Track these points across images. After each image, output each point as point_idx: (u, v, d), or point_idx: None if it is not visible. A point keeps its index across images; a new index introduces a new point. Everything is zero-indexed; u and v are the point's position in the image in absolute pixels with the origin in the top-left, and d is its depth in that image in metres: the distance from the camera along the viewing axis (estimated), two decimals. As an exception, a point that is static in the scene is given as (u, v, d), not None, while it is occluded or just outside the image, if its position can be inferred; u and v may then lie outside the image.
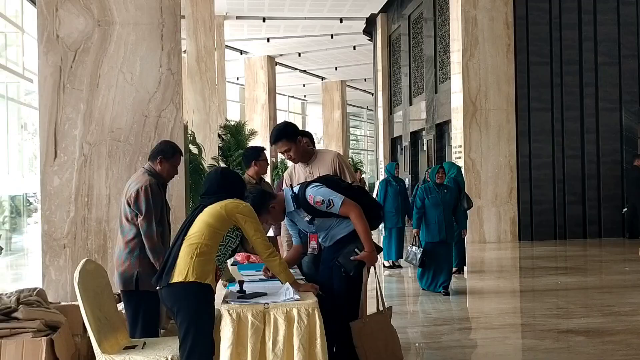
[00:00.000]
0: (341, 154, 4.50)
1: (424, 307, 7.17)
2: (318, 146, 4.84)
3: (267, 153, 5.97)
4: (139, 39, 5.59)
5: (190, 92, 14.73)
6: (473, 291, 7.85)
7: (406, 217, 9.45)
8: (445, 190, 7.49)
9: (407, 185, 14.99)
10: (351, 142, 37.13)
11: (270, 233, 5.43)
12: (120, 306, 4.49)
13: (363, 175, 15.28)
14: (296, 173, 4.33)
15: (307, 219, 3.89)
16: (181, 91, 5.69)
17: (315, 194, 3.79)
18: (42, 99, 5.52)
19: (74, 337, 4.58)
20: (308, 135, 5.02)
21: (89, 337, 3.54)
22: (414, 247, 7.51)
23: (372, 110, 28.67)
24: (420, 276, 7.58)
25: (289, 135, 4.21)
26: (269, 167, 6.65)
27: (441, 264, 7.36)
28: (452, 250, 7.72)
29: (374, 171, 22.12)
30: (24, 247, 13.99)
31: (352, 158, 30.09)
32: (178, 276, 3.29)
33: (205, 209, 3.44)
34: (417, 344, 5.57)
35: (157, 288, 3.42)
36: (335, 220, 3.88)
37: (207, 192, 3.58)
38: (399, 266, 9.42)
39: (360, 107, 38.55)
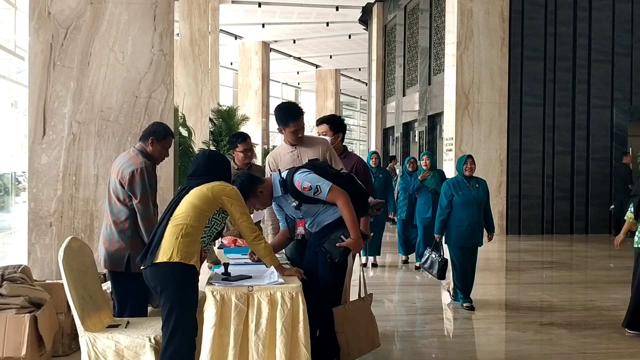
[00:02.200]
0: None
1: (408, 296, 7.21)
2: (311, 134, 4.84)
3: (260, 138, 5.95)
4: (132, 19, 5.55)
5: (183, 75, 14.67)
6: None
7: (389, 211, 8.97)
8: (477, 185, 6.24)
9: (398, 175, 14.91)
10: (344, 131, 37.03)
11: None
12: (105, 286, 4.49)
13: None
14: (280, 157, 4.32)
15: (294, 204, 3.88)
16: (172, 73, 5.66)
17: (303, 180, 3.79)
18: (32, 75, 5.48)
19: (58, 315, 4.59)
20: (329, 121, 4.90)
21: (72, 316, 3.54)
22: (433, 254, 6.37)
23: (365, 100, 28.64)
24: (455, 291, 6.50)
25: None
26: (257, 153, 6.63)
27: (470, 270, 6.37)
28: (476, 255, 6.50)
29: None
30: (10, 226, 13.93)
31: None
32: (163, 256, 3.29)
33: (191, 191, 3.43)
34: (399, 332, 5.61)
35: (142, 267, 3.42)
36: (323, 207, 3.88)
37: (194, 173, 3.57)
38: (375, 264, 8.85)
39: (354, 97, 38.51)
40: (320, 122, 4.92)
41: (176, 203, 3.43)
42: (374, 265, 8.83)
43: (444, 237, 6.32)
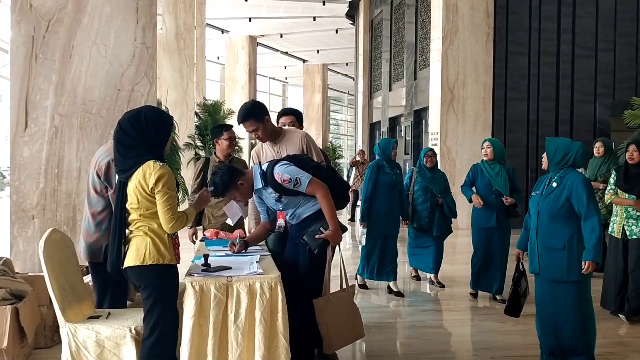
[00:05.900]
0: (309, 134, 4.50)
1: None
2: (292, 128, 4.83)
3: (246, 132, 5.90)
4: (114, 11, 5.54)
5: (168, 69, 14.59)
6: (443, 275, 7.94)
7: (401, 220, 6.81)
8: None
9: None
10: (331, 126, 37.09)
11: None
12: (87, 278, 4.50)
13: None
14: (264, 151, 4.35)
15: (274, 196, 3.92)
16: (155, 66, 5.66)
17: (283, 172, 3.82)
18: (14, 68, 5.45)
19: (40, 308, 4.60)
20: (297, 114, 4.96)
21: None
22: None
23: (352, 95, 28.67)
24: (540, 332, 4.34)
25: (257, 115, 4.13)
26: (242, 145, 6.61)
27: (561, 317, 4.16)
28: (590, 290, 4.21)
29: (352, 156, 22.19)
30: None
31: (331, 142, 30.11)
32: (135, 260, 3.25)
33: (127, 190, 3.33)
34: (382, 323, 5.66)
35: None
36: (303, 199, 3.92)
37: (122, 171, 3.39)
38: (399, 294, 6.64)
39: (342, 92, 38.53)
40: (283, 113, 4.94)
41: (122, 206, 3.34)
42: (398, 293, 6.65)
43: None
